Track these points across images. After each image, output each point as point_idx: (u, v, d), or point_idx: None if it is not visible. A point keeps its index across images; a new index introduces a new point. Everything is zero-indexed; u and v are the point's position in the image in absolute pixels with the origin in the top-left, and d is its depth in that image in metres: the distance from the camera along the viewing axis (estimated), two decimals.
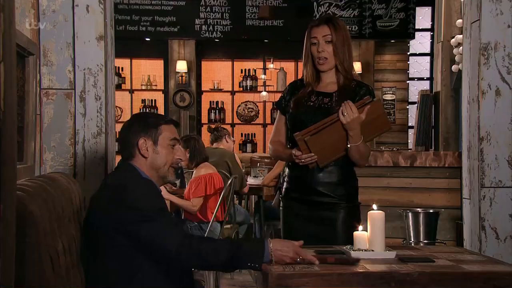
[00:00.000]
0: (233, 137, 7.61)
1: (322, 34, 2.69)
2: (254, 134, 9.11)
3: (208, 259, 2.06)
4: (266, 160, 6.89)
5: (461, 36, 5.57)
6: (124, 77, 8.69)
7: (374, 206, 2.28)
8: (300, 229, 2.68)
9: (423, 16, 9.09)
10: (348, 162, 2.68)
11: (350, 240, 2.31)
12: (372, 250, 2.21)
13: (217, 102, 8.92)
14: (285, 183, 2.81)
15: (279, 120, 2.83)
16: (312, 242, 2.51)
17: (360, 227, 2.28)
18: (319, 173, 2.66)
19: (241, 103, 9.06)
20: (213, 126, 5.80)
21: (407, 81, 8.96)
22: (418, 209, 4.50)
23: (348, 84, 2.72)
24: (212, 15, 8.31)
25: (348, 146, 2.59)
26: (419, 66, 9.24)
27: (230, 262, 2.06)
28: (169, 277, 2.13)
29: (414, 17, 8.24)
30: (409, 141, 8.64)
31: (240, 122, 9.15)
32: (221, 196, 4.47)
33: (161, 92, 8.79)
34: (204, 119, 8.92)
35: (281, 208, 2.83)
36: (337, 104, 2.63)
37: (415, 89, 8.86)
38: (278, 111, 2.86)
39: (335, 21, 2.73)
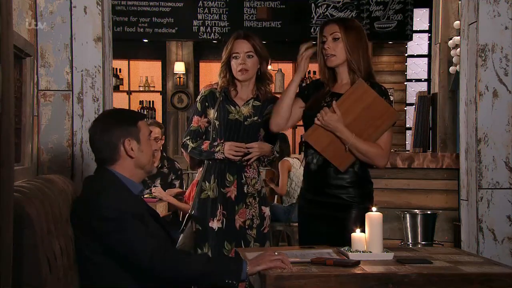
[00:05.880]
0: None
1: (330, 32, 2.76)
2: None
3: (183, 270, 2.02)
4: None
5: (458, 37, 5.57)
6: (122, 79, 8.68)
7: (373, 208, 2.28)
8: (313, 229, 2.75)
9: (420, 18, 9.10)
10: (362, 164, 2.71)
11: None
12: (370, 252, 2.22)
13: None
14: (302, 184, 2.90)
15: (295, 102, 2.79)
16: (324, 242, 2.57)
17: (358, 230, 2.28)
18: (331, 175, 2.71)
19: None
20: None
21: (405, 83, 8.96)
22: (416, 210, 4.51)
23: None
24: (210, 17, 8.30)
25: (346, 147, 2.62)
26: (416, 68, 9.25)
27: (205, 275, 2.03)
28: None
29: (411, 19, 8.25)
30: (407, 142, 8.64)
31: None
32: None
33: (159, 94, 8.78)
34: None
35: (298, 208, 2.93)
36: None
37: (413, 91, 8.86)
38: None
39: (347, 21, 2.82)
